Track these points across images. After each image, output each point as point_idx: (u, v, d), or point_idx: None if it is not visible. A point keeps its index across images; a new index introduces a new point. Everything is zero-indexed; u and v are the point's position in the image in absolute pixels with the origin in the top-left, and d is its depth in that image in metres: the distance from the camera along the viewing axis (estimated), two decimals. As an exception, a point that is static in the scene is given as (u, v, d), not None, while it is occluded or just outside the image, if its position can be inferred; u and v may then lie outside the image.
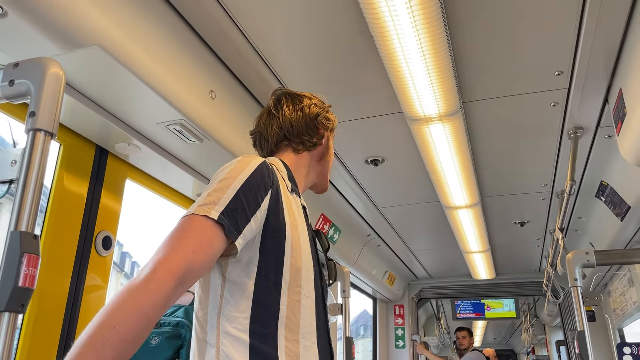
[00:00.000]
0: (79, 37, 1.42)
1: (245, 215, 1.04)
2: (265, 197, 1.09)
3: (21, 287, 0.84)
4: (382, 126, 2.74)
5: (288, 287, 1.10)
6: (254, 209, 1.06)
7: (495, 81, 2.35)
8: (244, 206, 1.04)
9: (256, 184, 1.09)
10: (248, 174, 1.09)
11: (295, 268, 1.12)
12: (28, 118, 0.91)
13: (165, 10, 1.79)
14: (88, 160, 2.02)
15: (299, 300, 1.11)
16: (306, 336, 1.12)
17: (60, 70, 0.94)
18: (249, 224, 1.04)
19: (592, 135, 2.72)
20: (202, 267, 0.97)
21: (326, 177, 1.45)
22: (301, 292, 1.12)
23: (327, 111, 1.42)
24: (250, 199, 1.06)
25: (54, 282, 1.82)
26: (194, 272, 0.94)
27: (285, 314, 1.08)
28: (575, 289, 2.40)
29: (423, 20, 1.79)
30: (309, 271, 1.16)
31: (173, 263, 0.91)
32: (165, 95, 1.75)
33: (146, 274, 0.88)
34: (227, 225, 0.99)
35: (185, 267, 0.92)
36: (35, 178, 0.89)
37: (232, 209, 1.02)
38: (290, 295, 1.10)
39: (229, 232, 1.00)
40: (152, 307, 0.86)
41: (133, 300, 0.85)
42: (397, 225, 4.51)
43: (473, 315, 7.67)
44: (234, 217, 1.01)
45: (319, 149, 1.39)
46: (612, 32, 1.92)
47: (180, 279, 0.90)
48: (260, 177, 1.11)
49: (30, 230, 0.86)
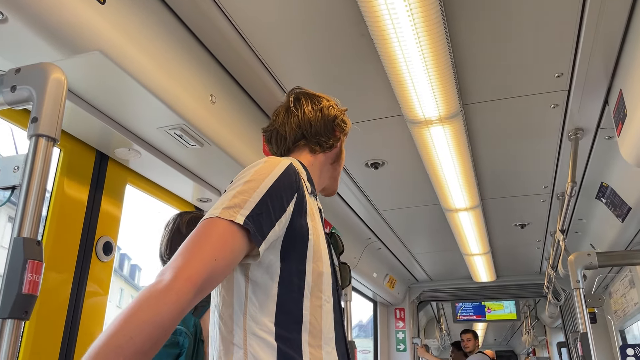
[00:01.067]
0: (79, 43, 1.42)
1: (271, 220, 1.01)
2: (291, 201, 1.07)
3: (25, 293, 0.83)
4: (382, 129, 2.74)
5: (311, 292, 1.08)
6: (280, 214, 1.04)
7: (495, 83, 2.35)
8: (270, 211, 1.01)
9: (283, 188, 1.06)
10: (275, 177, 1.06)
11: (317, 273, 1.10)
12: (30, 124, 0.90)
13: (165, 15, 1.79)
14: (88, 165, 2.01)
15: (320, 305, 1.09)
16: (328, 342, 1.10)
17: (62, 75, 0.94)
18: (274, 229, 1.02)
19: (593, 137, 2.72)
20: (223, 274, 0.95)
21: (337, 180, 1.43)
22: (322, 297, 1.10)
23: (344, 114, 1.41)
24: (276, 203, 1.03)
25: (54, 287, 1.82)
26: (214, 279, 0.92)
27: (309, 319, 1.06)
28: (577, 290, 2.39)
29: (423, 22, 1.80)
30: (328, 275, 1.14)
31: (194, 271, 0.88)
32: (165, 99, 1.74)
33: (167, 282, 0.86)
34: (252, 231, 0.97)
35: (207, 275, 0.89)
36: (38, 184, 0.88)
37: (258, 213, 0.99)
38: (312, 300, 1.08)
39: (255, 238, 0.98)
40: (170, 318, 0.84)
41: (152, 310, 0.83)
42: (398, 228, 4.50)
43: (474, 317, 7.65)
44: (259, 222, 0.99)
45: (334, 151, 1.38)
46: (611, 34, 1.92)
47: (200, 287, 0.88)
48: (288, 180, 1.08)
49: (34, 236, 0.85)
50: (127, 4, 1.58)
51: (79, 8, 1.38)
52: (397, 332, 6.52)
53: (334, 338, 1.13)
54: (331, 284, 1.16)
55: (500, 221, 4.35)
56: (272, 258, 1.06)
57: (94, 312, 1.95)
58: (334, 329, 1.14)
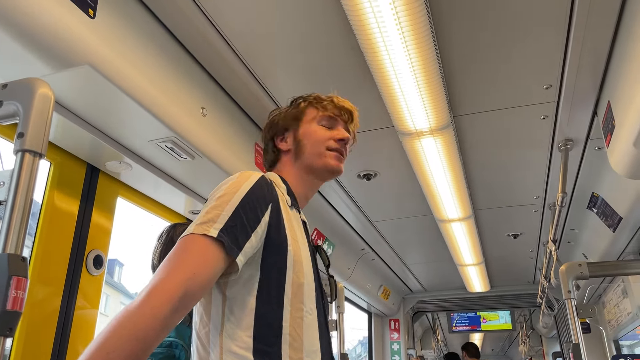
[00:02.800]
0: (69, 57, 1.42)
1: (246, 232, 1.02)
2: (265, 211, 1.07)
3: (9, 310, 0.82)
4: (374, 141, 2.75)
5: (290, 303, 1.07)
6: (254, 225, 1.04)
7: (485, 95, 2.37)
8: (244, 222, 1.02)
9: (256, 199, 1.07)
10: (247, 189, 1.07)
11: (297, 284, 1.09)
12: (16, 139, 0.90)
13: (155, 28, 1.80)
14: (79, 178, 2.01)
15: (301, 317, 1.08)
16: (310, 355, 1.08)
17: (49, 90, 0.94)
18: (250, 240, 1.02)
19: (583, 148, 2.75)
20: (202, 289, 0.95)
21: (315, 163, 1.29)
22: (303, 309, 1.09)
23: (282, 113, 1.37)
24: (250, 214, 1.04)
25: (44, 301, 1.80)
26: (193, 294, 0.92)
27: (289, 331, 1.05)
28: (569, 301, 2.39)
29: (412, 35, 1.81)
30: (310, 287, 1.13)
31: (170, 286, 0.89)
32: (156, 112, 1.75)
33: (142, 297, 0.87)
34: (227, 243, 0.97)
35: (184, 290, 0.90)
36: (24, 199, 0.88)
37: (232, 225, 1.00)
38: (292, 312, 1.07)
39: (230, 250, 0.98)
40: (147, 332, 0.84)
41: (128, 325, 0.83)
42: (391, 239, 4.51)
43: (469, 328, 7.63)
44: (233, 234, 0.99)
45: (288, 154, 1.32)
46: (599, 46, 1.95)
47: (178, 302, 0.88)
48: (260, 192, 1.09)
49: (19, 252, 0.85)
50: (117, 17, 1.59)
51: (68, 22, 1.39)
52: (392, 343, 6.49)
53: (319, 351, 1.11)
54: (315, 296, 1.15)
55: (493, 231, 4.36)
56: (251, 272, 1.06)
57: (84, 326, 1.94)
58: (319, 342, 1.12)
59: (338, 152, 1.31)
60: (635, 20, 1.70)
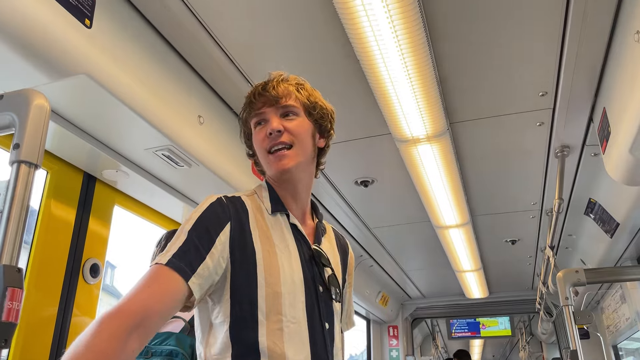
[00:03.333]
0: (66, 66, 1.43)
1: (200, 255, 1.03)
2: (220, 231, 1.08)
3: (4, 321, 0.82)
4: (371, 147, 2.75)
5: (266, 317, 1.06)
6: (208, 247, 1.04)
7: (481, 102, 2.38)
8: (197, 246, 1.03)
9: (207, 221, 1.08)
10: (198, 214, 1.09)
11: (272, 294, 1.08)
12: (12, 150, 0.90)
13: (152, 38, 1.81)
14: (76, 187, 2.01)
15: (280, 328, 1.07)
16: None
17: (45, 101, 0.94)
18: (204, 262, 1.03)
19: (579, 154, 2.75)
20: (160, 310, 0.96)
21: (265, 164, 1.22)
22: (282, 320, 1.07)
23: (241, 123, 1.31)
24: (202, 237, 1.05)
25: (41, 310, 1.80)
26: (148, 315, 0.93)
27: (266, 345, 1.04)
28: (567, 307, 2.40)
29: (408, 43, 1.82)
30: (294, 295, 1.11)
31: (125, 307, 0.92)
32: (153, 121, 1.75)
33: (97, 320, 0.89)
34: (178, 266, 0.99)
35: (137, 309, 0.92)
36: (19, 210, 0.88)
37: (185, 250, 1.02)
38: (269, 325, 1.06)
39: (181, 272, 0.99)
40: (105, 347, 0.85)
41: (83, 344, 0.85)
42: (389, 246, 4.50)
43: (468, 334, 7.62)
44: (186, 259, 1.01)
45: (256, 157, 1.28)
46: (594, 52, 1.96)
47: (133, 321, 0.90)
48: (212, 213, 1.10)
49: (14, 263, 0.85)
50: (113, 27, 1.59)
51: (65, 32, 1.39)
52: (391, 350, 6.47)
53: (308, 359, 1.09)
54: (305, 302, 1.13)
55: (491, 237, 4.36)
56: (224, 294, 1.07)
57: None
58: (311, 350, 1.10)
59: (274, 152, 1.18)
60: (629, 27, 1.71)
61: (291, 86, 1.23)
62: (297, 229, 1.23)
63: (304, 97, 1.23)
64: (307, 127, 1.23)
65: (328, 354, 1.16)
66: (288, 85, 1.23)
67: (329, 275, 1.22)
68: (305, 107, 1.23)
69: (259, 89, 1.22)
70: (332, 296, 1.22)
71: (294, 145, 1.18)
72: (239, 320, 1.06)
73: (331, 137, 1.32)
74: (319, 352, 1.13)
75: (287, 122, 1.20)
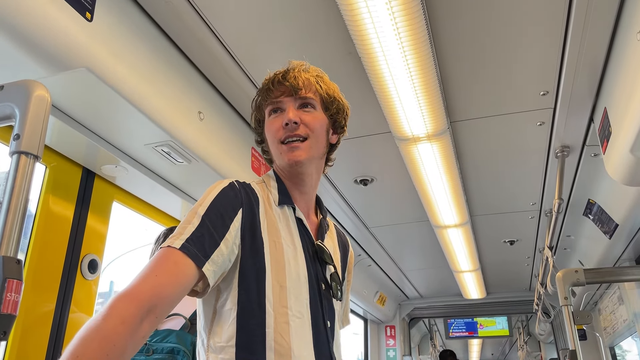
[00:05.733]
0: (66, 60, 1.42)
1: (214, 241, 1.01)
2: (234, 217, 1.06)
3: (4, 313, 0.81)
4: (371, 146, 2.75)
5: (274, 308, 1.05)
6: (222, 233, 1.03)
7: (482, 101, 2.37)
8: (211, 232, 1.01)
9: (221, 206, 1.05)
10: (212, 198, 1.06)
11: (278, 287, 1.07)
12: (12, 141, 0.90)
13: (153, 32, 1.80)
14: (74, 182, 2.00)
15: (286, 322, 1.05)
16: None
17: (46, 92, 0.93)
18: (219, 248, 1.01)
19: (579, 154, 2.75)
20: (171, 296, 0.94)
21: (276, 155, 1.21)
22: (288, 314, 1.06)
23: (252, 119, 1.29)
24: (216, 222, 1.03)
25: (38, 306, 1.79)
26: (161, 300, 0.92)
27: (273, 337, 1.03)
28: (566, 307, 2.39)
29: (410, 41, 1.82)
30: (298, 289, 1.10)
31: (137, 291, 0.90)
32: (153, 116, 1.74)
33: (111, 302, 0.88)
34: (192, 253, 0.97)
35: (150, 295, 0.90)
36: (19, 201, 0.87)
37: (198, 235, 1.00)
38: (277, 317, 1.05)
39: (195, 258, 0.97)
40: (114, 332, 0.83)
41: (94, 327, 0.83)
42: (387, 245, 4.50)
43: (466, 334, 7.62)
44: (200, 243, 0.99)
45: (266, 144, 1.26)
46: (595, 52, 1.95)
47: (144, 306, 0.89)
48: (225, 199, 1.07)
49: (13, 255, 0.84)
50: (114, 21, 1.58)
51: (65, 25, 1.38)
52: (388, 350, 6.47)
53: (312, 356, 1.08)
54: (309, 297, 1.12)
55: (490, 238, 4.36)
56: (232, 279, 1.06)
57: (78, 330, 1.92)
58: (315, 346, 1.09)
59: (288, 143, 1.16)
60: (632, 26, 1.71)
61: (312, 77, 1.22)
62: (302, 224, 1.22)
63: (323, 90, 1.22)
64: (323, 121, 1.22)
65: (330, 351, 1.15)
66: (309, 76, 1.22)
67: (331, 273, 1.21)
68: (324, 100, 1.22)
69: (279, 77, 1.20)
70: (334, 294, 1.21)
71: (308, 138, 1.17)
72: (246, 310, 1.04)
73: (344, 133, 1.30)
74: (322, 349, 1.12)
75: (305, 114, 1.18)
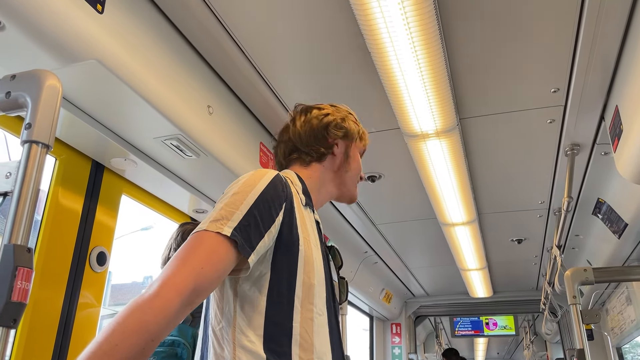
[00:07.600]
0: (76, 51, 1.42)
1: (259, 232, 1.01)
2: (279, 211, 1.07)
3: (14, 301, 0.82)
4: (379, 142, 2.74)
5: (301, 304, 1.06)
6: (268, 225, 1.03)
7: (492, 98, 2.36)
8: (258, 222, 1.02)
9: (270, 198, 1.06)
10: (262, 188, 1.06)
11: (307, 284, 1.08)
12: (24, 130, 0.90)
13: (164, 25, 1.80)
14: (84, 175, 2.00)
15: (311, 318, 1.07)
16: (320, 356, 1.07)
17: (57, 82, 0.94)
18: (263, 240, 1.02)
19: (589, 152, 2.73)
20: (211, 285, 0.95)
21: (349, 186, 1.38)
22: (314, 310, 1.08)
23: (344, 120, 1.37)
24: (264, 214, 1.03)
25: (47, 297, 1.80)
26: (201, 289, 0.92)
27: (299, 332, 1.04)
28: (574, 306, 2.38)
29: (420, 36, 1.81)
30: (321, 288, 1.13)
31: (180, 280, 0.89)
32: (162, 110, 1.74)
33: (152, 291, 0.87)
34: (240, 242, 0.97)
35: (193, 285, 0.90)
36: (31, 190, 0.87)
37: (245, 225, 0.99)
38: (303, 312, 1.06)
39: (242, 249, 0.97)
40: (156, 325, 0.84)
41: (136, 318, 0.83)
42: (394, 242, 4.49)
43: (472, 332, 7.61)
44: (247, 233, 0.99)
45: (332, 159, 1.34)
46: (607, 49, 1.94)
47: (187, 297, 0.89)
48: (274, 190, 1.08)
49: (24, 243, 0.84)
50: (125, 13, 1.59)
51: (76, 17, 1.39)
52: (393, 347, 6.47)
53: (329, 353, 1.10)
54: (325, 297, 1.14)
55: (497, 236, 4.34)
56: (262, 270, 1.06)
57: (87, 322, 1.93)
58: (330, 343, 1.12)
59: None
60: (644, 24, 1.69)
61: None
62: (318, 226, 1.25)
63: None
64: None
65: (342, 349, 1.19)
66: None
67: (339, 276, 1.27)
68: None
69: None
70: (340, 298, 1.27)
71: None
72: (275, 302, 1.05)
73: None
74: (335, 347, 1.14)
75: None
